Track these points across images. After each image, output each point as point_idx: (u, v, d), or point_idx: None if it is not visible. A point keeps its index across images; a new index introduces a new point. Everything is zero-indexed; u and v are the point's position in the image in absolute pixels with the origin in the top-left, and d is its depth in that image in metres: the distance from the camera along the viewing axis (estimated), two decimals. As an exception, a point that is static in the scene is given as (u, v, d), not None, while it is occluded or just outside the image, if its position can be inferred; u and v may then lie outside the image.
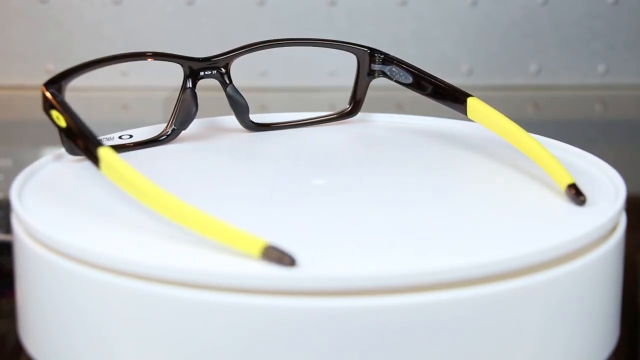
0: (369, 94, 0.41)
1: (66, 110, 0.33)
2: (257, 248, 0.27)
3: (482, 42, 0.71)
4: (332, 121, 0.41)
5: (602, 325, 0.30)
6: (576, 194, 0.30)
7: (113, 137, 0.38)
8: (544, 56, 0.72)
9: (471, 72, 0.70)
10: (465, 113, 0.37)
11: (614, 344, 0.31)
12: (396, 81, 0.39)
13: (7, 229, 0.32)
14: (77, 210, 0.31)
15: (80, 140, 0.32)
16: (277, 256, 0.26)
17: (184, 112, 0.38)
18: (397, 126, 0.41)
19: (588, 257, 0.28)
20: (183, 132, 0.38)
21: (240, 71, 0.68)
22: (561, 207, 0.31)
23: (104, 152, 0.30)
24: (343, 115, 0.41)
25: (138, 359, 0.27)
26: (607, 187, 0.33)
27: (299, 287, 0.26)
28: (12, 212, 0.31)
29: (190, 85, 0.38)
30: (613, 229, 0.30)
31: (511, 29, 0.72)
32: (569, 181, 0.31)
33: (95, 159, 0.31)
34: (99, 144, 0.31)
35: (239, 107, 0.39)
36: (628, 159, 0.61)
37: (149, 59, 0.38)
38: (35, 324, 0.29)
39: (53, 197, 0.32)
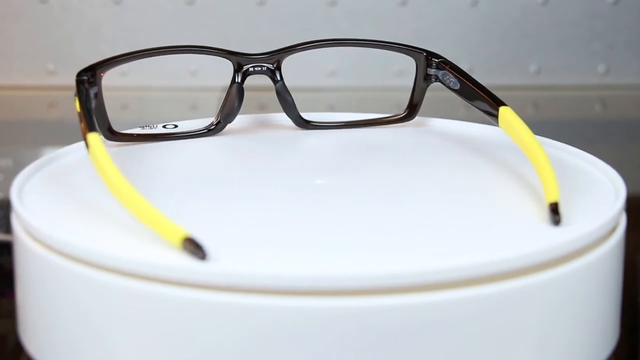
0: (374, 94, 0.40)
1: (79, 96, 0.34)
2: (177, 239, 0.27)
3: (482, 42, 0.71)
4: (387, 124, 0.40)
5: (602, 325, 0.30)
6: (553, 213, 0.29)
7: (156, 126, 0.39)
8: (544, 56, 0.72)
9: (471, 72, 0.70)
10: (497, 122, 0.36)
11: (614, 344, 0.31)
12: (447, 86, 0.39)
13: (7, 229, 0.32)
14: (77, 209, 0.31)
15: (82, 125, 0.33)
16: (192, 249, 0.27)
17: (230, 106, 0.38)
18: (442, 131, 0.40)
19: (588, 257, 0.28)
20: (229, 125, 0.39)
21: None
22: (562, 209, 0.31)
23: (91, 137, 0.31)
24: (399, 119, 0.40)
25: (138, 358, 0.27)
26: (607, 188, 0.33)
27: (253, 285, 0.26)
28: (12, 212, 0.31)
29: (239, 80, 0.38)
30: (613, 230, 0.30)
31: (511, 29, 0.72)
32: (553, 199, 0.30)
33: (87, 145, 0.32)
34: (91, 129, 0.32)
35: (287, 104, 0.39)
36: (628, 159, 0.61)
37: (197, 53, 0.38)
38: (35, 324, 0.29)
39: (53, 196, 0.32)
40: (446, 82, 0.39)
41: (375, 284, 0.26)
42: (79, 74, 0.35)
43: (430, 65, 0.39)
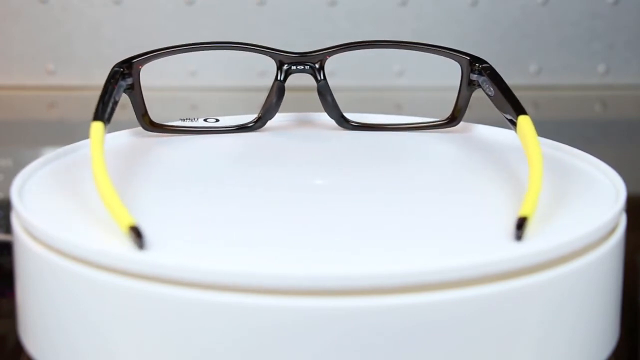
0: (374, 94, 0.40)
1: (104, 85, 0.35)
2: (124, 226, 0.28)
3: (482, 42, 0.71)
4: (430, 129, 0.40)
5: (602, 325, 0.30)
6: (517, 228, 0.28)
7: (197, 119, 0.39)
8: (544, 56, 0.72)
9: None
10: (516, 130, 0.35)
11: (614, 344, 0.31)
12: (486, 93, 0.37)
13: (7, 229, 0.32)
14: (78, 209, 0.31)
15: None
16: (134, 237, 0.27)
17: (270, 103, 0.39)
18: (474, 136, 0.39)
19: (588, 257, 0.28)
20: (270, 122, 0.39)
21: (239, 70, 0.68)
22: (561, 209, 0.31)
23: (93, 125, 0.32)
24: (442, 124, 0.40)
25: (138, 358, 0.27)
26: (608, 188, 0.33)
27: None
28: (12, 211, 0.31)
29: (281, 78, 0.38)
30: (613, 230, 0.30)
31: (511, 29, 0.72)
32: (523, 214, 0.29)
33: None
34: (97, 117, 0.33)
35: (328, 104, 0.39)
36: (628, 159, 0.61)
37: (238, 50, 0.39)
38: (35, 324, 0.29)
39: (54, 195, 0.32)
40: (485, 88, 0.38)
41: (375, 284, 0.26)
42: (115, 65, 0.37)
43: (473, 70, 0.38)
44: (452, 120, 0.39)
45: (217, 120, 0.40)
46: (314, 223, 0.30)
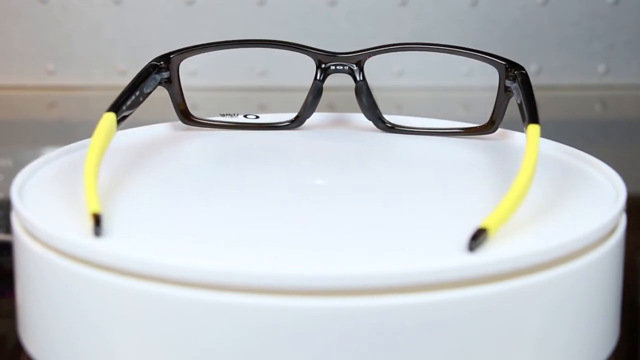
0: (374, 94, 0.40)
1: (135, 77, 0.36)
2: (90, 212, 0.28)
3: (482, 42, 0.71)
4: (466, 135, 0.39)
5: (602, 325, 0.30)
6: (473, 238, 0.27)
7: (237, 115, 0.40)
8: (544, 56, 0.72)
9: (471, 73, 0.70)
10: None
11: (614, 344, 0.31)
12: (516, 101, 0.36)
13: (7, 229, 0.32)
14: (78, 209, 0.31)
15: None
16: (94, 224, 0.28)
17: (307, 102, 0.39)
18: (500, 142, 0.39)
19: (588, 257, 0.28)
20: (308, 121, 0.40)
21: (239, 70, 0.68)
22: (561, 209, 0.31)
23: (105, 115, 0.33)
24: (477, 130, 0.39)
25: (138, 358, 0.27)
26: (608, 189, 0.33)
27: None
28: (12, 211, 0.31)
29: (319, 78, 0.39)
30: (613, 230, 0.30)
31: (511, 29, 0.72)
32: (485, 225, 0.28)
33: None
34: (111, 108, 0.34)
35: (364, 105, 0.39)
36: (628, 159, 0.61)
37: (277, 48, 0.39)
38: (35, 324, 0.29)
39: (54, 195, 0.32)
40: (515, 95, 0.37)
41: (375, 284, 0.26)
42: (153, 60, 0.38)
43: (508, 77, 0.37)
44: (489, 126, 0.38)
45: (257, 117, 0.40)
46: (314, 223, 0.30)
